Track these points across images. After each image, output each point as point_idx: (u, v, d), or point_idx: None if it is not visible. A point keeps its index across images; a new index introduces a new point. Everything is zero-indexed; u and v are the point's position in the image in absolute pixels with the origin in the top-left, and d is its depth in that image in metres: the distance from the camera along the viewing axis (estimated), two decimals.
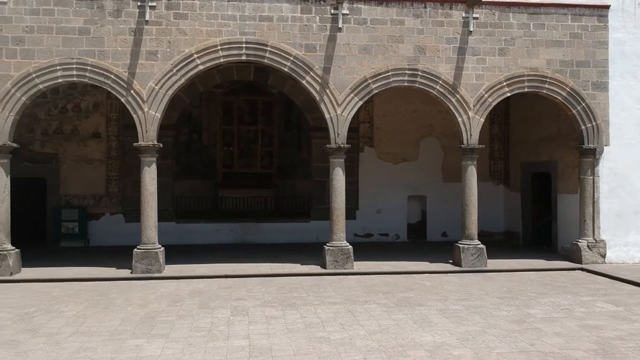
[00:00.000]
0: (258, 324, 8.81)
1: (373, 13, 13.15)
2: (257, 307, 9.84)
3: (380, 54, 13.18)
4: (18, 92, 12.35)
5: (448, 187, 18.43)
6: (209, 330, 8.48)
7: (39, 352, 7.50)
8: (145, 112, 12.69)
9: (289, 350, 7.50)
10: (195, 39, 12.71)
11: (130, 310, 9.67)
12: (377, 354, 7.30)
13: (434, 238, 18.49)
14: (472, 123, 13.54)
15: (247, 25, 12.82)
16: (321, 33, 13.02)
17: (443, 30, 13.33)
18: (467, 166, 13.72)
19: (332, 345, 7.70)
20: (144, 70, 12.61)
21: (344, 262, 13.00)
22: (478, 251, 13.45)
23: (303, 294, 10.88)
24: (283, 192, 19.77)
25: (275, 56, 12.93)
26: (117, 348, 7.64)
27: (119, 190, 17.47)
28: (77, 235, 17.01)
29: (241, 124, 20.09)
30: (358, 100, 13.23)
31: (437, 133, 18.53)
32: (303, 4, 12.95)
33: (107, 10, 12.50)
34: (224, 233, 17.93)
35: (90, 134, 17.35)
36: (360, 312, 9.47)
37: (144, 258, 12.55)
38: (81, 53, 12.47)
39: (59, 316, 9.30)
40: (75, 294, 10.93)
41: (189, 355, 7.31)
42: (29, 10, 12.34)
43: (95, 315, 9.35)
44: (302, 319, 9.04)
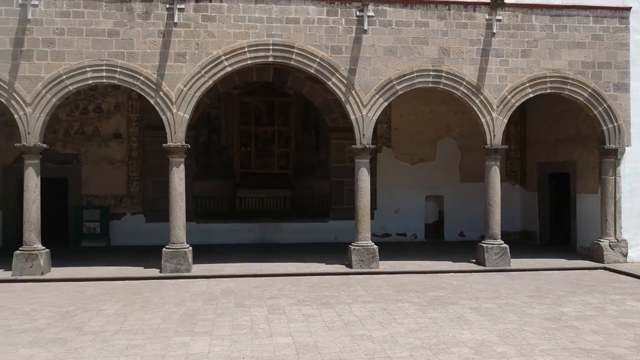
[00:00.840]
0: (297, 322, 8.95)
1: (398, 15, 13.29)
2: (293, 306, 9.98)
3: (405, 56, 13.33)
4: (48, 94, 12.50)
5: (465, 187, 18.59)
6: (251, 328, 8.62)
7: (89, 349, 7.64)
8: (174, 114, 12.83)
9: (334, 347, 7.64)
10: (223, 41, 12.85)
11: (168, 309, 9.81)
12: (422, 351, 7.45)
13: (452, 238, 18.63)
14: (495, 124, 13.68)
15: (274, 27, 12.96)
16: (347, 35, 13.16)
17: (467, 32, 13.47)
18: (490, 166, 13.87)
19: (376, 342, 7.84)
20: (172, 72, 12.75)
21: (370, 261, 13.14)
22: (502, 251, 13.60)
23: (334, 293, 11.02)
24: (300, 193, 19.90)
25: (301, 58, 13.08)
26: (165, 346, 7.78)
27: (140, 190, 17.61)
28: (99, 235, 17.14)
29: (258, 125, 20.24)
30: (383, 101, 13.37)
31: (454, 133, 18.68)
32: (329, 6, 13.10)
33: (136, 13, 12.64)
34: (244, 233, 18.07)
35: (111, 134, 17.48)
36: (395, 311, 9.61)
37: (173, 257, 12.69)
38: (110, 55, 12.61)
39: (98, 315, 9.44)
40: (109, 293, 11.07)
41: (237, 352, 7.45)
42: (59, 12, 12.48)
43: (135, 314, 9.49)
44: (340, 317, 9.18)
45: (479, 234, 18.50)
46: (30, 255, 12.30)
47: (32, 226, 12.49)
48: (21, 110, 12.47)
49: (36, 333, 8.41)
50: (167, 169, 17.34)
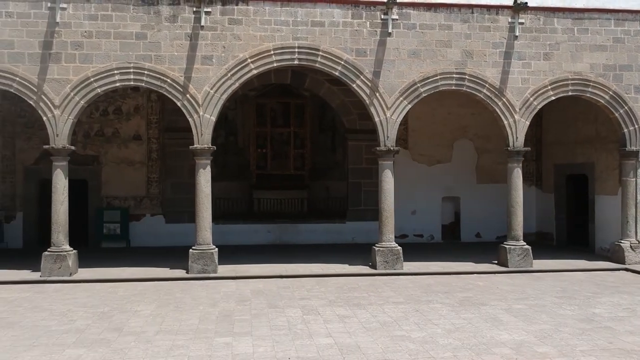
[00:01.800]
0: (333, 322, 9.05)
1: (422, 18, 13.41)
2: (326, 307, 10.09)
3: (428, 59, 13.44)
4: (77, 96, 12.61)
5: (481, 189, 18.73)
6: (289, 328, 8.73)
7: (134, 350, 7.75)
8: (200, 116, 12.94)
9: (376, 348, 7.75)
10: (249, 44, 12.97)
11: (203, 310, 9.91)
12: (464, 352, 7.56)
13: (468, 239, 18.74)
14: (518, 126, 13.79)
15: (299, 30, 13.07)
16: (371, 38, 13.27)
17: (490, 35, 13.59)
18: (512, 168, 13.98)
19: (416, 343, 7.95)
20: (199, 74, 12.86)
21: (394, 262, 13.25)
22: (524, 252, 13.71)
23: (364, 294, 11.13)
24: (316, 194, 20.00)
25: (326, 60, 13.19)
26: (208, 346, 7.88)
27: (160, 191, 17.72)
28: (119, 236, 17.25)
29: (274, 126, 20.33)
30: (407, 103, 13.49)
31: (471, 135, 18.79)
32: (354, 9, 13.21)
33: (163, 16, 12.75)
34: (262, 234, 18.19)
35: (131, 136, 17.59)
36: (428, 312, 9.72)
37: (200, 258, 12.79)
38: (138, 57, 12.71)
39: (135, 315, 9.55)
40: (141, 294, 11.17)
41: (282, 353, 7.56)
42: (87, 15, 12.59)
43: (171, 314, 9.59)
44: (375, 318, 9.29)
45: (495, 235, 18.74)
46: (59, 257, 12.41)
47: (61, 227, 12.60)
48: (49, 113, 12.58)
49: (78, 334, 8.51)
50: (186, 170, 17.71)
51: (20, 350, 7.76)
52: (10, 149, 17.15)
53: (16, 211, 17.14)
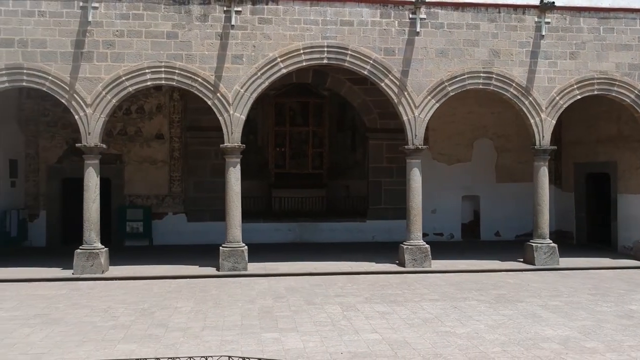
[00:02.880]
0: (375, 319, 9.13)
1: (449, 17, 13.49)
2: (363, 304, 10.17)
3: (456, 58, 13.52)
4: (109, 95, 12.69)
5: (501, 188, 18.81)
6: (332, 324, 8.81)
7: (185, 345, 7.83)
8: (230, 115, 13.03)
9: (425, 343, 7.83)
10: (279, 43, 13.05)
11: (242, 306, 9.99)
12: (513, 347, 7.64)
13: (487, 237, 18.82)
14: (544, 125, 13.88)
15: (328, 29, 13.15)
16: (400, 37, 13.35)
17: (516, 35, 13.67)
18: (539, 167, 14.07)
19: (463, 338, 8.04)
20: (229, 73, 12.94)
21: (422, 260, 13.34)
22: (550, 250, 13.80)
23: (397, 291, 11.21)
24: (335, 192, 20.07)
25: (355, 60, 13.27)
26: (257, 341, 7.96)
27: (182, 190, 17.79)
28: (142, 234, 17.32)
29: (293, 125, 20.42)
30: (435, 102, 13.57)
31: (491, 134, 18.87)
32: (382, 8, 13.29)
33: (194, 15, 12.83)
34: (283, 232, 18.25)
35: (153, 135, 17.66)
36: (466, 308, 9.80)
37: (230, 256, 12.87)
38: (169, 57, 12.79)
39: (176, 312, 9.62)
40: (176, 291, 11.25)
41: (332, 348, 7.64)
42: (119, 14, 12.67)
43: (212, 311, 9.67)
44: (415, 315, 9.37)
45: (514, 234, 18.85)
46: (91, 254, 12.49)
47: (92, 225, 12.68)
48: (81, 111, 12.66)
49: (124, 329, 8.59)
50: (208, 169, 17.84)
51: (72, 345, 7.84)
52: (33, 148, 17.22)
53: (39, 210, 17.21)
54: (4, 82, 12.46)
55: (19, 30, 12.42)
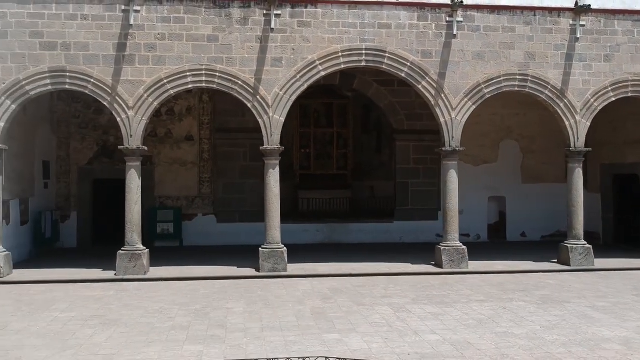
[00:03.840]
0: (429, 320, 9.24)
1: (486, 20, 13.60)
2: (413, 305, 10.28)
3: (492, 60, 13.63)
4: (150, 97, 12.80)
5: (527, 189, 18.93)
6: (389, 325, 8.92)
7: (251, 346, 7.94)
8: (270, 117, 13.14)
9: (487, 344, 7.94)
10: (317, 46, 13.16)
11: (293, 307, 10.10)
12: (576, 347, 7.75)
13: (513, 238, 18.93)
14: (579, 127, 14.00)
15: (366, 32, 13.26)
16: (437, 40, 13.46)
17: (551, 37, 13.78)
18: (573, 169, 14.20)
19: (523, 339, 8.15)
20: (269, 76, 13.05)
21: (460, 261, 13.45)
22: (586, 251, 13.91)
23: (442, 292, 11.32)
24: (359, 194, 20.19)
25: (393, 62, 13.38)
26: (320, 342, 8.07)
27: (211, 191, 17.90)
28: (172, 235, 17.43)
29: (317, 127, 20.55)
30: (472, 104, 13.68)
31: (516, 135, 18.98)
32: (420, 11, 13.40)
33: (234, 18, 12.95)
34: (311, 233, 18.35)
35: (183, 137, 17.78)
36: (516, 309, 9.91)
37: (270, 257, 12.99)
38: (210, 60, 12.91)
39: (230, 313, 9.73)
40: (222, 292, 11.36)
41: (398, 349, 7.75)
42: (160, 18, 12.79)
43: (264, 312, 9.78)
44: (468, 316, 9.48)
45: (539, 235, 18.99)
46: (134, 255, 12.61)
47: (135, 227, 12.79)
48: (124, 114, 12.77)
49: (184, 330, 8.70)
50: (237, 170, 17.98)
51: (140, 346, 7.95)
52: (64, 150, 17.34)
53: (71, 211, 17.33)
54: (47, 85, 12.58)
55: (62, 34, 12.54)
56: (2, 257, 12.42)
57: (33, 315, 9.59)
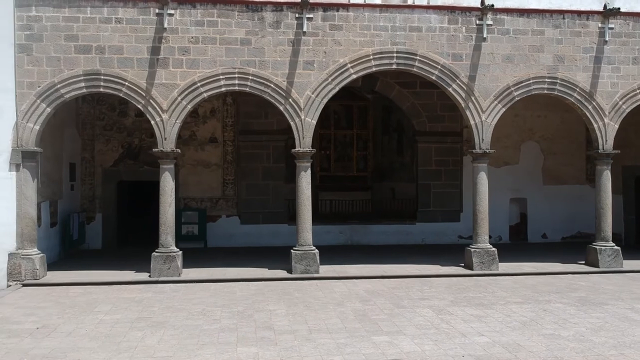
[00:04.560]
0: (473, 322, 9.32)
1: (515, 24, 13.68)
2: (452, 307, 10.35)
3: (521, 63, 13.71)
4: (184, 100, 12.88)
5: (548, 190, 19.01)
6: (435, 327, 9.00)
7: (304, 348, 8.02)
8: (302, 120, 13.22)
9: (538, 346, 8.02)
10: (349, 49, 13.24)
11: (334, 309, 10.18)
12: (627, 350, 7.83)
13: (535, 239, 19.01)
14: (607, 129, 14.08)
15: (397, 35, 13.34)
16: (467, 43, 13.54)
17: (580, 40, 13.85)
18: (602, 171, 14.27)
19: (572, 341, 8.23)
20: (301, 79, 13.13)
21: (490, 263, 13.53)
22: (614, 252, 13.99)
23: (478, 294, 11.40)
24: (380, 195, 20.30)
25: (423, 65, 13.46)
26: (372, 344, 8.16)
27: (235, 193, 17.98)
28: (196, 236, 17.51)
29: (337, 128, 20.68)
30: (501, 107, 13.76)
31: (537, 137, 19.06)
32: (450, 15, 13.48)
33: (267, 22, 13.02)
34: (333, 234, 18.41)
35: (207, 139, 17.85)
36: (556, 311, 9.99)
37: (302, 259, 13.07)
38: (242, 63, 12.98)
39: (273, 315, 9.81)
40: (259, 294, 11.44)
41: (451, 351, 7.84)
42: (194, 21, 12.86)
43: (308, 314, 9.86)
44: (510, 318, 9.56)
45: (560, 236, 19.07)
46: (168, 257, 12.69)
47: (169, 228, 12.87)
48: (158, 117, 12.85)
49: (233, 332, 8.79)
50: (260, 172, 18.06)
51: (193, 348, 8.04)
52: (89, 152, 17.42)
53: (96, 212, 17.41)
54: (81, 88, 12.66)
55: (96, 37, 12.63)
56: (38, 259, 12.51)
57: (78, 317, 9.68)
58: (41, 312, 10.05)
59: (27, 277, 12.31)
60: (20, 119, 12.43)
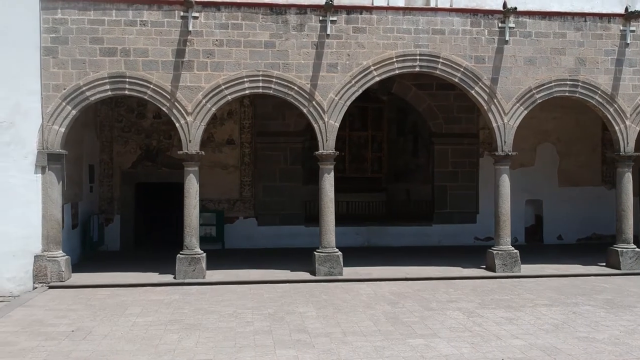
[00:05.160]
0: (505, 324, 9.36)
1: (537, 26, 13.72)
2: (482, 309, 10.39)
3: (543, 65, 13.75)
4: (208, 103, 12.92)
5: (563, 192, 19.05)
6: (469, 330, 9.04)
7: (343, 351, 8.06)
8: (325, 122, 13.27)
9: (575, 349, 8.06)
10: (372, 52, 13.28)
11: (364, 312, 10.22)
12: None
13: (550, 241, 19.03)
14: (629, 132, 14.12)
15: (420, 38, 13.39)
16: (489, 45, 13.58)
17: (602, 43, 13.90)
18: (623, 173, 14.30)
19: (608, 344, 8.27)
20: (324, 82, 13.17)
21: (512, 265, 13.57)
22: (636, 254, 14.02)
23: (505, 296, 11.44)
24: (394, 196, 20.35)
25: (446, 67, 13.50)
26: (409, 347, 8.20)
27: (252, 195, 18.01)
28: (214, 238, 17.53)
29: (352, 130, 20.73)
30: (523, 109, 13.80)
31: (553, 139, 19.09)
32: (473, 17, 13.53)
33: (291, 25, 13.06)
34: (350, 236, 18.39)
35: (224, 140, 17.88)
36: (585, 313, 10.03)
37: (326, 261, 13.11)
38: (267, 65, 13.02)
39: (305, 317, 9.85)
40: (287, 296, 11.48)
41: (490, 354, 7.88)
42: (218, 24, 12.90)
43: (338, 316, 9.89)
44: (541, 320, 9.60)
45: (575, 238, 19.10)
46: (193, 259, 12.74)
47: (193, 230, 12.92)
48: (182, 119, 12.89)
49: (268, 335, 8.83)
50: (277, 173, 18.10)
51: (232, 351, 8.08)
52: (108, 153, 17.46)
53: (114, 214, 17.45)
54: (107, 91, 12.70)
55: (121, 40, 12.66)
56: (63, 261, 12.56)
57: (111, 320, 9.72)
58: (73, 314, 10.09)
59: (53, 279, 12.35)
60: (45, 121, 12.47)
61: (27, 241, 12.44)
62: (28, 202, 12.42)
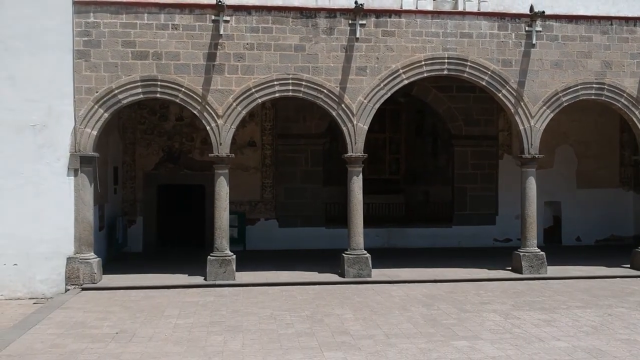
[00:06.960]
0: (543, 326, 9.45)
1: (564, 30, 13.82)
2: (517, 311, 10.49)
3: (570, 69, 13.85)
4: (239, 106, 13.02)
5: (582, 193, 19.15)
6: (509, 332, 9.13)
7: (390, 352, 8.15)
8: (354, 125, 13.37)
9: (620, 351, 8.15)
10: (401, 55, 13.38)
11: (400, 314, 10.31)
12: None
13: (569, 242, 19.13)
14: None
15: (449, 41, 13.48)
16: (516, 49, 13.68)
17: (628, 46, 14.00)
18: None
19: None
20: (353, 85, 13.27)
21: (539, 267, 13.66)
22: None
23: (536, 298, 11.53)
24: (412, 198, 20.42)
25: (474, 70, 13.60)
26: (454, 349, 8.29)
27: (273, 196, 18.11)
28: (236, 240, 17.58)
29: (370, 132, 20.69)
30: (550, 112, 13.91)
31: (571, 141, 19.19)
32: (500, 21, 13.62)
33: (320, 28, 13.16)
34: (370, 237, 18.22)
35: (246, 142, 17.96)
36: (622, 315, 10.13)
37: (355, 263, 13.20)
38: (296, 69, 13.12)
39: (342, 320, 9.93)
40: (319, 298, 11.57)
41: (536, 356, 7.97)
42: (249, 28, 12.99)
43: (376, 318, 9.99)
44: (578, 322, 9.70)
45: (594, 239, 19.21)
46: (223, 261, 12.83)
47: (224, 232, 13.02)
48: (213, 122, 12.99)
49: (311, 337, 8.92)
50: (298, 175, 18.22)
51: (279, 353, 8.17)
52: (130, 155, 17.55)
53: (136, 216, 17.54)
54: (138, 94, 12.79)
55: (153, 43, 12.75)
56: (95, 262, 12.65)
57: (152, 322, 9.81)
58: (112, 316, 10.18)
59: (85, 281, 12.44)
60: (78, 124, 12.55)
61: (58, 243, 12.53)
62: (60, 204, 12.50)
